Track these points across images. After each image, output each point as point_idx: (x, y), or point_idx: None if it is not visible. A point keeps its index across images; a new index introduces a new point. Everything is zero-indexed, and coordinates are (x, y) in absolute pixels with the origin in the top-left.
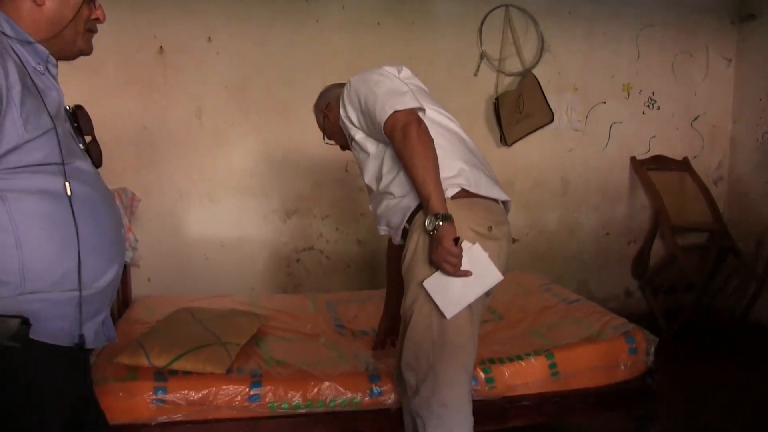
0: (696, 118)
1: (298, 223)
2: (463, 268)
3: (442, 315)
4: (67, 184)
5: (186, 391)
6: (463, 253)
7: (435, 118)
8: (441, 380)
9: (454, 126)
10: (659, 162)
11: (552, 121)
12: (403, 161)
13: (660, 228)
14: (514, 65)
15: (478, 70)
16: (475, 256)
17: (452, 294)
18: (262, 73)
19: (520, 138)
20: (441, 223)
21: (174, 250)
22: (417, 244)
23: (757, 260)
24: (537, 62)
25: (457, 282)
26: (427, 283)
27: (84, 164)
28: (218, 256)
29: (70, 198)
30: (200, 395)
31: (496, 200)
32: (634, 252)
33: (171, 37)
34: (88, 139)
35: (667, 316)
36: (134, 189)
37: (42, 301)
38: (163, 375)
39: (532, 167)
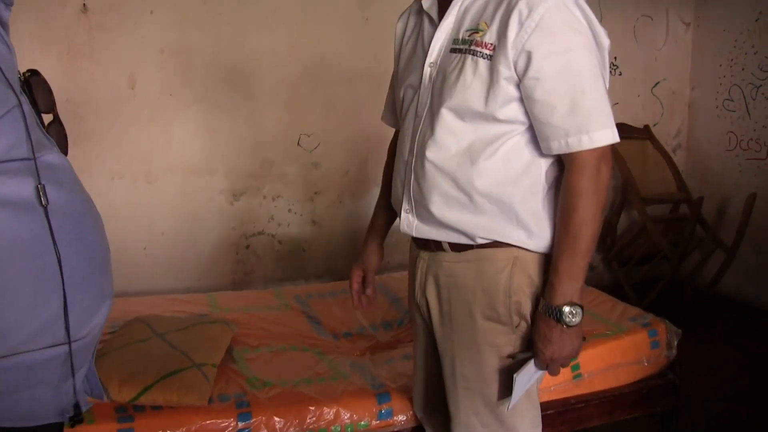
0: (656, 84)
1: (247, 204)
2: None
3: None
4: (40, 187)
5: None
6: None
7: None
8: None
9: None
10: (622, 130)
11: None
12: (569, 205)
13: (627, 199)
14: None
15: None
16: None
17: (526, 385)
18: (205, 34)
19: None
20: (581, 320)
21: (108, 240)
22: (510, 307)
23: (719, 230)
24: None
25: (536, 374)
26: (518, 376)
27: (56, 157)
28: (158, 246)
29: (45, 209)
30: None
31: None
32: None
33: None
34: (48, 119)
35: (636, 290)
36: None
37: (13, 369)
38: (127, 413)
39: None
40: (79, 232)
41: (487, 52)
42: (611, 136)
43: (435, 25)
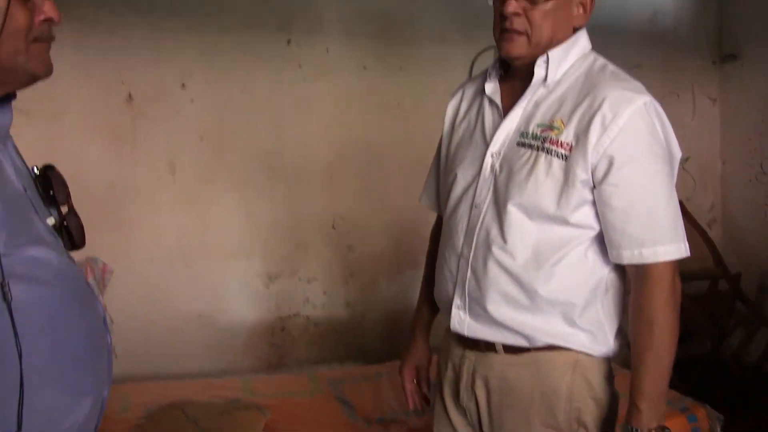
0: (686, 159)
1: (282, 287)
2: None
3: None
4: (5, 284)
5: None
6: None
7: None
8: None
9: None
10: None
11: None
12: (650, 318)
13: None
14: None
15: None
16: None
17: None
18: (241, 122)
19: None
20: None
21: (145, 323)
22: (570, 414)
23: (763, 306)
24: None
25: None
26: None
27: (44, 251)
28: (195, 328)
29: (9, 305)
30: None
31: None
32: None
33: (141, 83)
34: (63, 210)
35: (677, 369)
36: (99, 253)
37: None
38: None
39: None
40: (51, 327)
41: (563, 152)
42: (684, 250)
43: (499, 112)
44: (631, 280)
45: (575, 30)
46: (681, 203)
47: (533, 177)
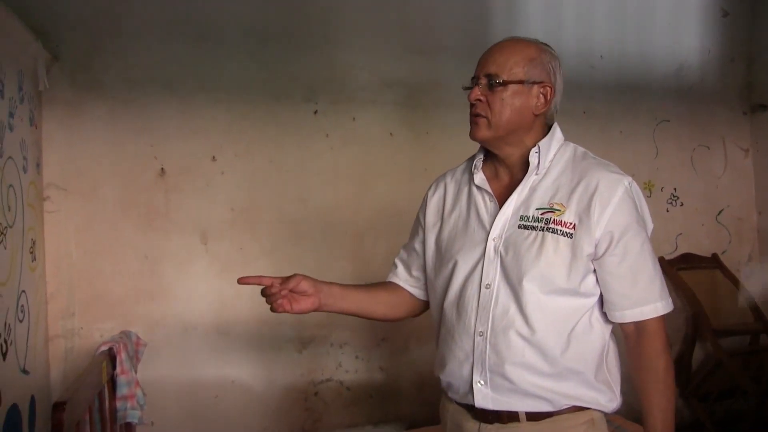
0: (720, 212)
1: (315, 352)
2: None
3: None
4: None
5: None
6: None
7: None
8: None
9: None
10: (688, 260)
11: None
12: (656, 366)
13: (700, 332)
14: None
15: None
16: None
17: None
18: (271, 191)
19: None
20: None
21: (180, 389)
22: None
23: None
24: None
25: None
26: None
27: None
28: (229, 394)
29: None
30: None
31: None
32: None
33: (173, 158)
34: None
35: (718, 427)
36: (135, 324)
37: None
38: None
39: None
40: None
41: (568, 230)
42: (671, 305)
43: (492, 199)
44: (626, 338)
45: (536, 117)
46: (716, 256)
47: (544, 255)
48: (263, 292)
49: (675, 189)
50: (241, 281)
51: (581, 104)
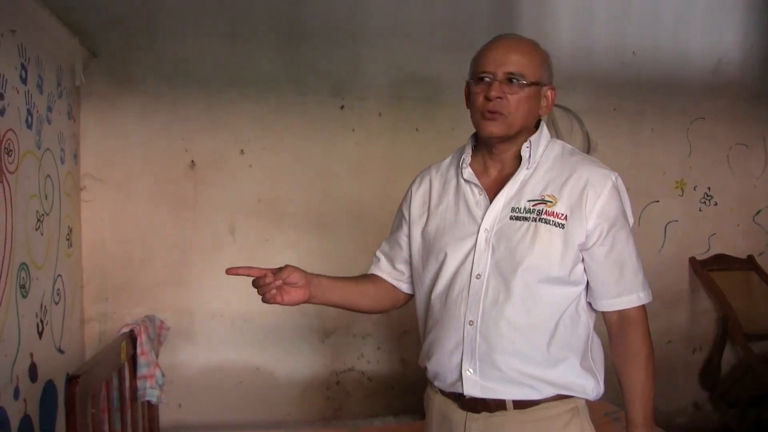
0: (758, 212)
1: (337, 342)
2: None
3: None
4: None
5: None
6: None
7: None
8: None
9: None
10: (721, 261)
11: None
12: (640, 352)
13: (730, 335)
14: None
15: None
16: None
17: None
18: (297, 185)
19: None
20: None
21: (206, 375)
22: None
23: None
24: None
25: None
26: None
27: None
28: (253, 381)
29: None
30: None
31: None
32: (699, 361)
33: (202, 151)
34: None
35: None
36: (164, 310)
37: None
38: None
39: None
40: None
41: (560, 221)
42: (651, 295)
43: (483, 193)
44: (610, 327)
45: (539, 116)
46: (752, 257)
47: (537, 244)
48: (254, 284)
49: (709, 188)
50: (230, 272)
51: (612, 102)
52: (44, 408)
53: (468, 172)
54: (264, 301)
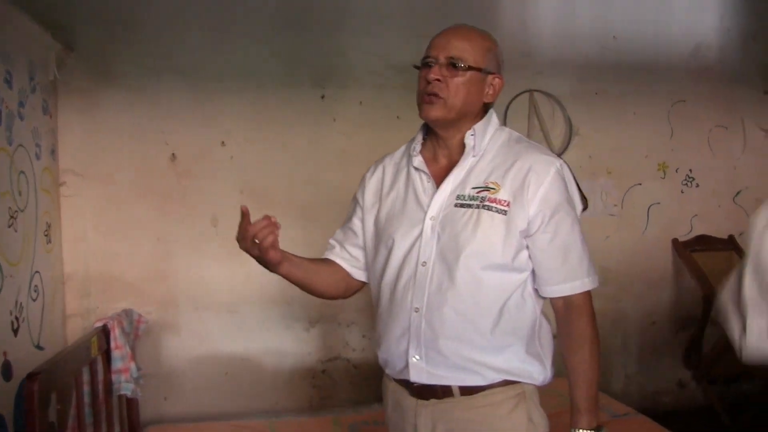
0: (738, 193)
1: (322, 331)
2: None
3: None
4: None
5: None
6: None
7: None
8: None
9: None
10: (703, 242)
11: (586, 208)
12: (586, 337)
13: (712, 314)
14: None
15: None
16: None
17: None
18: (279, 175)
19: None
20: None
21: (192, 366)
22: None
23: None
24: (567, 147)
25: None
26: None
27: None
28: (239, 371)
29: None
30: None
31: None
32: (684, 341)
33: (183, 144)
34: None
35: (729, 410)
36: (148, 303)
37: None
38: None
39: None
40: None
41: (503, 207)
42: (597, 281)
43: (431, 181)
44: (556, 313)
45: (484, 105)
46: (732, 238)
47: (480, 230)
48: (258, 256)
49: (690, 170)
50: (244, 208)
51: (594, 86)
52: (19, 407)
53: (418, 160)
54: (267, 245)
